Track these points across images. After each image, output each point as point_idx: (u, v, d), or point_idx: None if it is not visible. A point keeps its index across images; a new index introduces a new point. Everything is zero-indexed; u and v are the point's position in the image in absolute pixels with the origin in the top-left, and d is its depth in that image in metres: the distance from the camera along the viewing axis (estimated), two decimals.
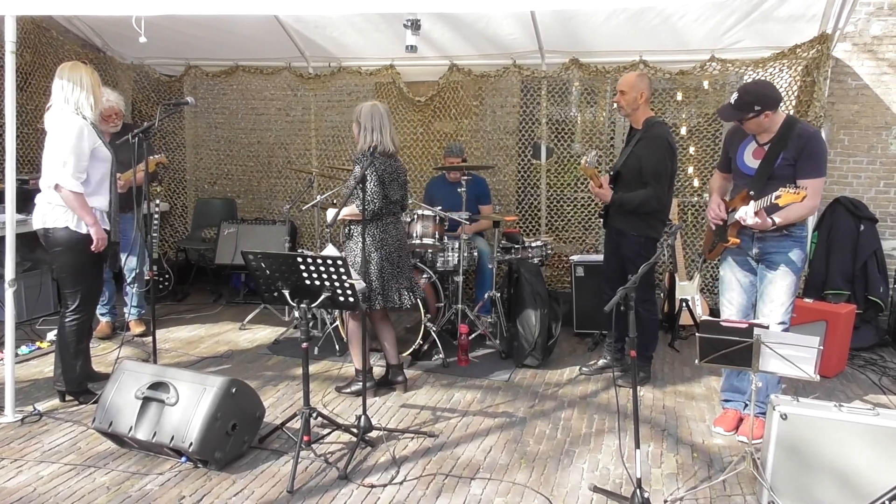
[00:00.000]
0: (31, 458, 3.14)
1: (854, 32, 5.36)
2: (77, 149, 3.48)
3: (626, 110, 4.02)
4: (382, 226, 3.76)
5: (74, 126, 3.48)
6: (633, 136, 4.04)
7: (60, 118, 3.52)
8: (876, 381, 4.36)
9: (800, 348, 2.74)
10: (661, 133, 3.93)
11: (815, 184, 3.17)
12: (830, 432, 2.68)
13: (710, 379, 4.34)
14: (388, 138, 3.70)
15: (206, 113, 6.82)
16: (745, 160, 3.36)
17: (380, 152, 3.64)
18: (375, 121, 3.66)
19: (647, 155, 3.89)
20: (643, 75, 4.12)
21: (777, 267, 3.29)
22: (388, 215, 3.78)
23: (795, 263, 3.28)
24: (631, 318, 2.68)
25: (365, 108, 3.70)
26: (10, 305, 3.56)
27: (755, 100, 3.14)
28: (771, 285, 3.32)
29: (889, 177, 5.45)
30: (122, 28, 4.74)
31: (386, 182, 3.69)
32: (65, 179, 3.45)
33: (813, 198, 3.12)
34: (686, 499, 2.88)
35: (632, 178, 3.93)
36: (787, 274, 3.28)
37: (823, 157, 3.23)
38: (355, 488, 2.92)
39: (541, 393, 4.08)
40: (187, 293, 6.33)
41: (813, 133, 3.23)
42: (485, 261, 5.11)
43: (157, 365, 3.43)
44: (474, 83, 5.95)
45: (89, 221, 3.54)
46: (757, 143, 3.29)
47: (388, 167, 3.70)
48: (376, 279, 3.73)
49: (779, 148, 3.19)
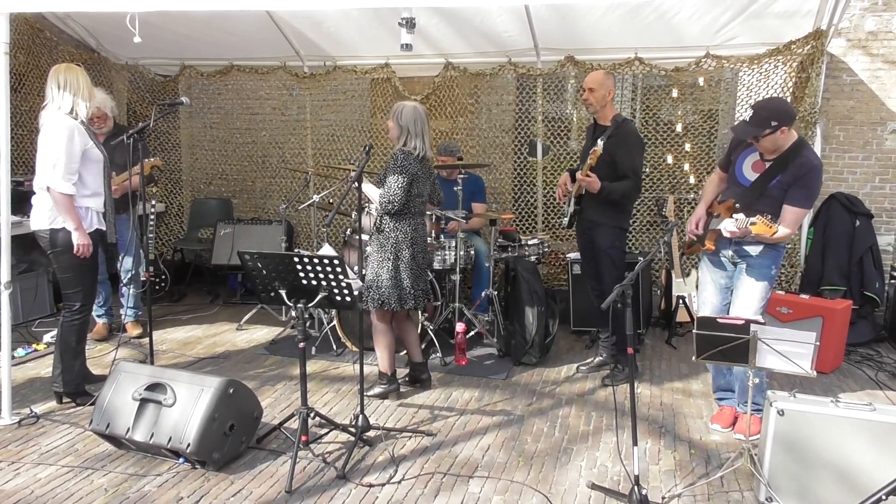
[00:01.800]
0: (28, 460, 3.14)
1: (849, 28, 5.36)
2: (68, 150, 3.48)
3: (594, 107, 4.11)
4: (414, 224, 3.74)
5: (65, 127, 3.48)
6: (600, 133, 4.08)
7: (53, 119, 3.51)
8: (872, 377, 4.37)
9: (796, 344, 2.74)
10: (632, 129, 4.14)
11: (798, 213, 3.20)
12: (827, 428, 2.69)
13: (708, 376, 4.32)
14: (428, 145, 3.72)
15: (201, 113, 6.81)
16: (743, 170, 3.35)
17: (419, 157, 3.66)
18: (418, 126, 3.65)
19: (623, 151, 3.98)
20: (610, 74, 4.26)
21: (750, 271, 3.32)
22: (418, 215, 3.78)
23: (769, 269, 3.31)
24: (627, 315, 2.69)
25: (407, 110, 3.66)
26: (6, 307, 3.55)
27: (771, 115, 3.12)
28: (743, 288, 3.35)
29: (884, 172, 5.46)
30: (117, 28, 4.73)
31: (420, 182, 3.69)
32: (55, 181, 3.45)
33: (790, 226, 3.17)
34: (684, 495, 2.89)
35: (603, 173, 3.97)
36: (759, 278, 3.30)
37: (816, 190, 3.25)
38: (353, 488, 2.92)
39: (538, 391, 4.08)
40: (184, 294, 6.31)
41: (814, 165, 3.20)
42: (482, 259, 5.11)
43: (154, 366, 3.42)
44: (470, 81, 5.95)
45: (73, 226, 3.53)
46: (760, 156, 3.29)
47: (422, 169, 3.70)
48: (408, 278, 3.71)
49: (778, 169, 3.20)
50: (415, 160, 3.64)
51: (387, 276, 3.67)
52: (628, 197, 4.10)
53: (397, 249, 3.69)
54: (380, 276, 3.69)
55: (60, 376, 3.71)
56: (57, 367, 3.72)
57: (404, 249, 3.70)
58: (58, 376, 3.72)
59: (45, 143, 3.50)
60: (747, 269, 3.33)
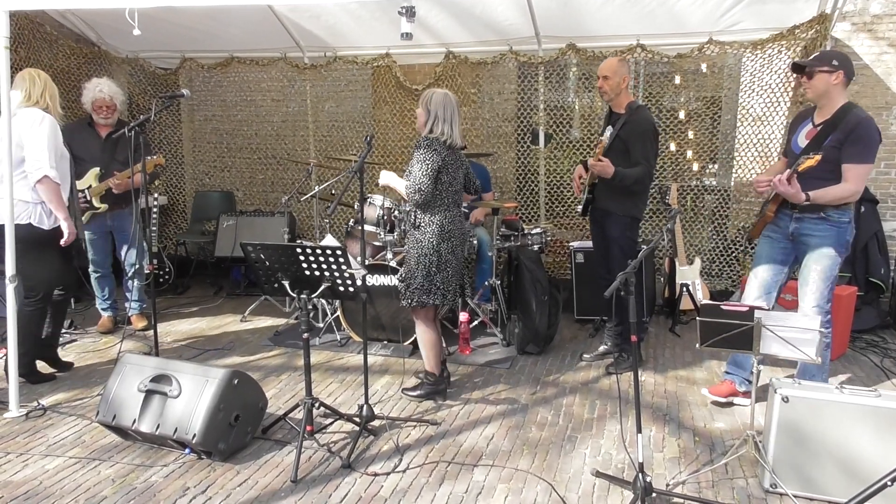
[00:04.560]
0: (36, 451, 3.16)
1: (853, 12, 5.31)
2: (52, 142, 3.59)
3: (609, 95, 4.07)
4: (451, 217, 3.61)
5: (48, 120, 3.60)
6: (615, 120, 4.06)
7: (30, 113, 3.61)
8: (878, 363, 4.36)
9: (801, 331, 2.74)
10: (646, 116, 4.05)
11: (858, 170, 3.15)
12: (832, 414, 2.68)
13: (712, 363, 4.34)
14: (458, 132, 3.61)
15: (202, 105, 6.80)
16: (798, 141, 3.40)
17: (449, 145, 3.56)
18: (448, 112, 3.55)
19: (636, 138, 3.95)
20: (624, 60, 4.21)
21: (811, 250, 3.31)
22: (455, 206, 3.66)
23: (831, 248, 3.26)
24: (631, 303, 2.68)
25: (437, 96, 3.57)
26: (12, 301, 3.56)
27: (835, 57, 3.19)
28: (805, 268, 3.36)
29: (889, 158, 5.42)
30: (117, 21, 4.71)
31: (452, 170, 3.58)
32: (52, 171, 3.55)
33: (854, 183, 3.14)
34: (688, 482, 2.89)
35: (616, 159, 3.95)
36: (821, 258, 3.28)
37: (870, 143, 3.16)
38: (359, 477, 2.93)
39: (542, 380, 4.09)
40: (188, 286, 6.33)
41: (863, 118, 3.16)
42: (485, 249, 5.10)
43: (159, 358, 3.43)
44: (472, 70, 5.92)
45: (63, 215, 3.63)
46: (813, 124, 3.32)
47: (453, 158, 3.60)
48: (440, 273, 3.59)
49: (829, 130, 3.20)
50: (441, 146, 3.51)
51: (424, 274, 3.57)
52: (641, 183, 4.02)
53: (435, 243, 3.56)
54: (418, 274, 3.58)
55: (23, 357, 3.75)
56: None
57: (442, 242, 3.57)
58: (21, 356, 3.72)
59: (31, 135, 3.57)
60: (807, 248, 3.34)
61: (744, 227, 5.52)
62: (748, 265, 5.51)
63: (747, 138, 5.49)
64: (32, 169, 3.57)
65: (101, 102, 4.60)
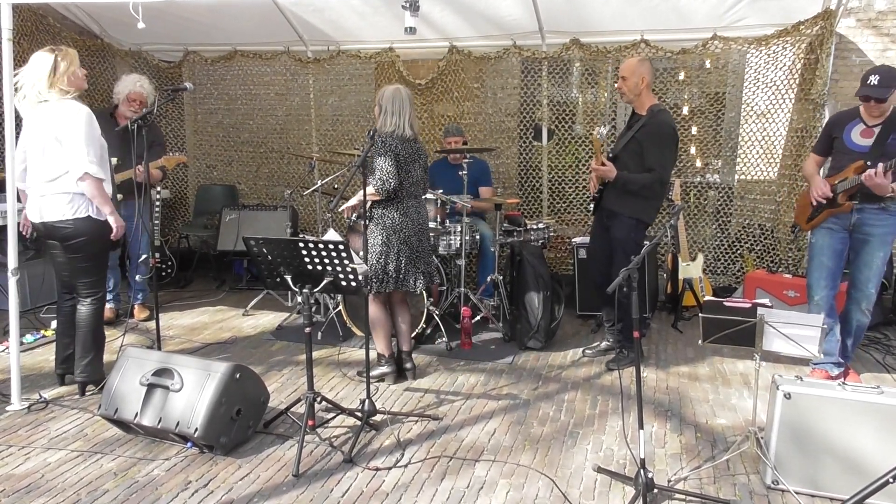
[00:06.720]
0: (38, 445, 3.16)
1: (858, 8, 5.29)
2: (90, 136, 3.42)
3: (628, 96, 3.99)
4: (403, 209, 3.71)
5: (84, 112, 3.43)
6: (635, 122, 4.01)
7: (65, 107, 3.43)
8: (880, 360, 4.36)
9: (804, 327, 2.73)
10: (666, 120, 3.94)
11: None
12: (834, 411, 2.68)
13: (714, 359, 4.34)
14: (406, 122, 3.68)
15: (205, 99, 6.79)
16: (853, 139, 3.66)
17: (397, 136, 3.63)
18: (396, 104, 3.65)
19: (651, 142, 3.87)
20: (644, 60, 4.07)
21: (872, 239, 3.63)
22: (410, 198, 3.74)
23: (889, 237, 3.64)
24: (634, 299, 2.67)
25: (387, 92, 3.69)
26: (14, 294, 3.56)
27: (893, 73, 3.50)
28: (868, 255, 3.66)
29: None
30: (120, 14, 4.72)
31: (405, 163, 3.66)
32: (92, 168, 3.39)
33: None
34: (690, 478, 2.89)
35: (631, 162, 3.91)
36: (883, 245, 3.63)
37: None
38: (360, 471, 2.94)
39: (544, 375, 4.09)
40: (190, 280, 6.34)
41: None
42: (487, 244, 5.10)
43: (161, 352, 3.44)
44: (475, 65, 5.90)
45: (108, 210, 3.52)
46: (865, 124, 3.62)
47: (406, 149, 3.67)
48: (392, 262, 3.70)
49: (889, 129, 3.54)
50: (393, 138, 3.61)
51: (375, 261, 3.68)
52: (649, 189, 3.93)
53: (385, 235, 3.67)
54: (374, 263, 3.69)
55: (89, 365, 3.65)
56: (85, 357, 3.64)
57: (392, 234, 3.68)
58: (86, 366, 3.65)
59: (67, 130, 3.40)
60: (868, 237, 3.64)
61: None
62: (751, 262, 5.50)
63: (751, 135, 5.48)
64: (72, 167, 3.42)
65: (137, 97, 4.72)
